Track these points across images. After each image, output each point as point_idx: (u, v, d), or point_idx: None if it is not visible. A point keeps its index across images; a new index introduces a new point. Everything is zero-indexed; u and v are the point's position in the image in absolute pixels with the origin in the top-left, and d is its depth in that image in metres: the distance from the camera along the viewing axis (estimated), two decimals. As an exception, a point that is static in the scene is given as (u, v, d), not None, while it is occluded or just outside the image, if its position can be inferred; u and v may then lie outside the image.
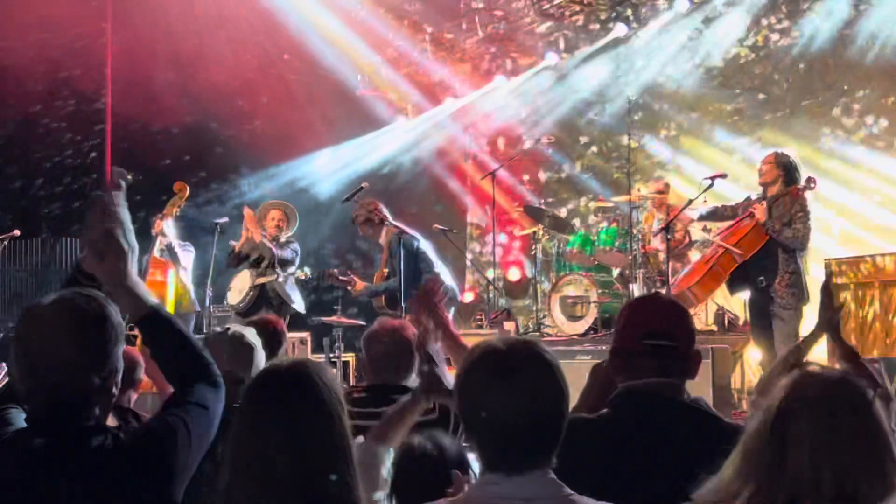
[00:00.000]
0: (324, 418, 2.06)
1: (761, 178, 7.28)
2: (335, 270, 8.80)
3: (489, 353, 2.09)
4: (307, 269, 8.74)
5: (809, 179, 7.17)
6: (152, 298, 2.23)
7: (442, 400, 2.88)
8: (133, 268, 2.19)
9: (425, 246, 8.25)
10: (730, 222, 7.44)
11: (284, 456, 2.00)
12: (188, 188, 8.59)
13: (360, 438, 2.97)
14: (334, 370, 5.93)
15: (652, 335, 2.61)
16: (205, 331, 8.21)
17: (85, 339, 2.09)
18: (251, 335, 3.73)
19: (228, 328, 3.78)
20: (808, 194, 7.15)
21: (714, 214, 7.70)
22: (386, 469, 2.75)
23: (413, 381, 3.67)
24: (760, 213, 7.05)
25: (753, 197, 7.46)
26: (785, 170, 7.15)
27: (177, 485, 2.13)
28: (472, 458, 2.46)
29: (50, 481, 2.04)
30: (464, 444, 2.67)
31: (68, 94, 12.11)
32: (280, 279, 8.45)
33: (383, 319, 4.15)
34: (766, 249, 7.05)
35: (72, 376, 2.07)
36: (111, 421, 3.26)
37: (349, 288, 8.49)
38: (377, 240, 8.33)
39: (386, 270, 8.17)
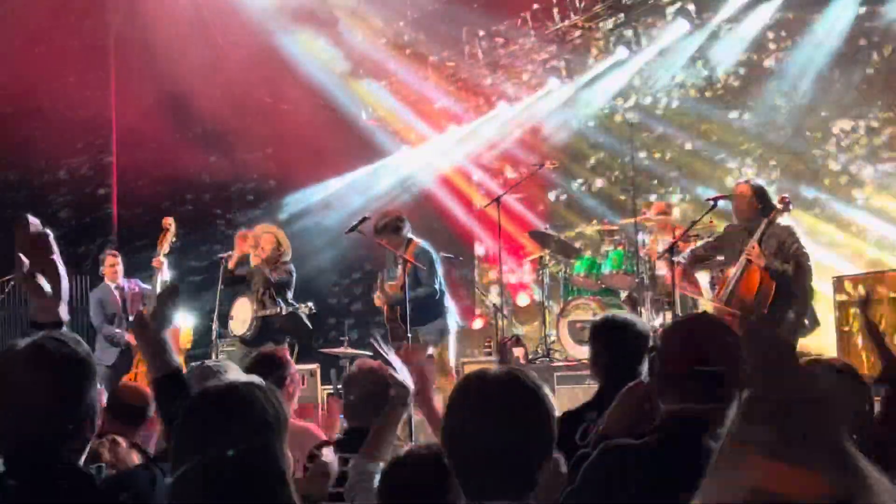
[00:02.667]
0: (256, 439, 2.04)
1: (740, 214, 7.04)
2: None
3: (474, 379, 2.11)
4: (311, 304, 8.67)
5: (784, 200, 6.98)
6: (177, 361, 2.33)
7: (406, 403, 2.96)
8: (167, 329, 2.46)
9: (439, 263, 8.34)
10: (724, 279, 7.08)
11: (215, 477, 1.99)
12: (174, 223, 8.58)
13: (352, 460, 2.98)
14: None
15: (703, 359, 2.54)
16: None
17: (56, 383, 2.10)
18: (227, 367, 3.70)
19: (204, 361, 3.77)
20: (786, 215, 6.98)
21: (697, 260, 7.54)
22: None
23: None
24: (756, 257, 6.76)
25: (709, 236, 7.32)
26: (761, 200, 6.95)
27: None
28: None
29: None
30: None
31: (76, 148, 12.25)
32: (283, 311, 8.40)
33: (362, 361, 4.10)
34: (779, 289, 6.78)
35: (42, 420, 2.08)
36: (135, 459, 3.27)
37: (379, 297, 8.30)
38: (396, 250, 8.08)
39: (405, 281, 8.02)
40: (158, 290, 8.28)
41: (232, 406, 2.08)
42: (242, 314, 8.57)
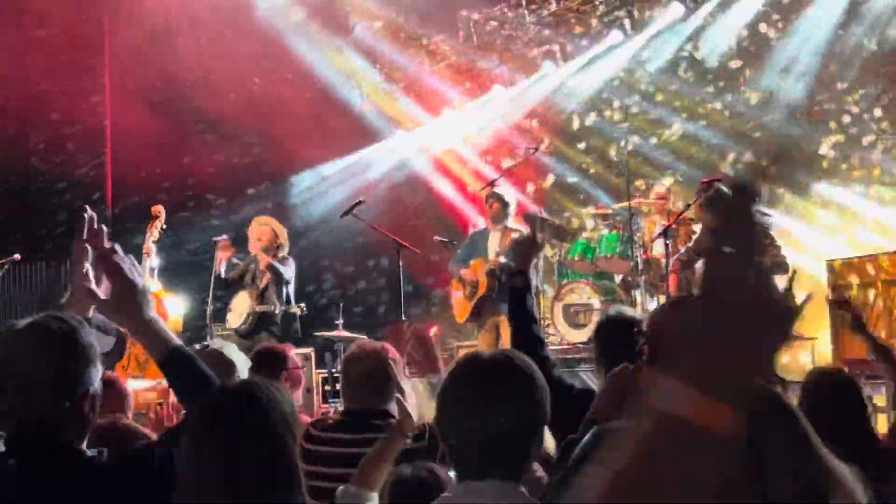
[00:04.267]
0: (268, 440, 2.01)
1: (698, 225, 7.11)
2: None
3: (469, 361, 2.13)
4: (303, 305, 8.67)
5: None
6: (174, 338, 2.20)
7: (418, 434, 2.85)
8: (150, 305, 2.16)
9: None
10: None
11: (226, 480, 1.96)
12: (164, 211, 8.50)
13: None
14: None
15: (697, 336, 2.52)
16: (206, 349, 8.17)
17: (53, 362, 2.09)
18: (231, 351, 3.68)
19: (207, 345, 3.75)
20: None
21: (684, 266, 7.59)
22: None
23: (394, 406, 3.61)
24: None
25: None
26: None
27: None
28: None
29: (20, 502, 2.04)
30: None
31: (69, 120, 12.20)
32: (277, 310, 8.37)
33: (362, 342, 4.02)
34: None
35: (39, 399, 2.07)
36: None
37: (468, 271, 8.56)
38: (497, 222, 8.59)
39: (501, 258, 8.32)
40: (147, 277, 8.25)
41: (255, 403, 2.03)
42: (240, 308, 8.58)
